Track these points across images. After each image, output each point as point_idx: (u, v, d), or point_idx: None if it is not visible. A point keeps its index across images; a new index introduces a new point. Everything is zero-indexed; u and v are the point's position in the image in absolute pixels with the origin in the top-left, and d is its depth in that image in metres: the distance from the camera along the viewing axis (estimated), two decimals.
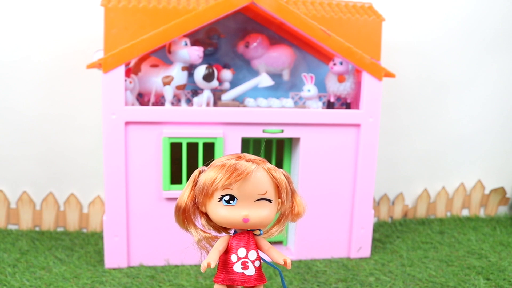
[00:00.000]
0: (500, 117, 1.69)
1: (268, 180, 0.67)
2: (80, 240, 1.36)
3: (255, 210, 0.67)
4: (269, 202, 0.67)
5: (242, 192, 0.66)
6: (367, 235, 1.29)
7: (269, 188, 0.67)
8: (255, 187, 0.66)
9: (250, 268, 0.69)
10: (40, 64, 1.38)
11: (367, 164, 1.26)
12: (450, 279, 1.14)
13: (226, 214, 0.67)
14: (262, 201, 0.67)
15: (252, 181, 0.66)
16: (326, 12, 1.26)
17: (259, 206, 0.67)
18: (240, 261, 0.68)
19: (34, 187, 1.43)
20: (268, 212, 0.68)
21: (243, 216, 0.66)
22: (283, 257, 0.69)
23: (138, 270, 1.17)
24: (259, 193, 0.67)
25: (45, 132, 1.41)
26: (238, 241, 0.69)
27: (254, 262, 0.69)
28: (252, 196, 0.66)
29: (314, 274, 1.17)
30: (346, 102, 1.33)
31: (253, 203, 0.67)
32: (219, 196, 0.66)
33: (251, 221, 0.67)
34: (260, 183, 0.66)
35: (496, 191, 1.71)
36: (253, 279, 0.68)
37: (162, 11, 1.15)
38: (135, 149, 1.15)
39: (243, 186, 0.66)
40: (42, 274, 1.12)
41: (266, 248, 0.71)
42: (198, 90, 1.28)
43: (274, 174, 0.68)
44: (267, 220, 0.68)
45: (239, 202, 0.66)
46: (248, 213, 0.66)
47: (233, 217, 0.66)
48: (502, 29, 1.61)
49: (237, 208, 0.66)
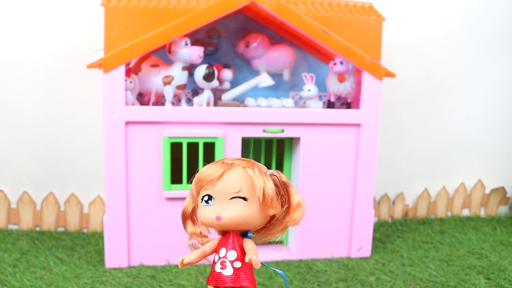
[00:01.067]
0: (500, 117, 1.69)
1: (244, 179, 0.68)
2: (81, 240, 1.36)
3: (227, 208, 0.67)
4: (243, 200, 0.67)
5: (217, 192, 0.68)
6: (367, 235, 1.29)
7: (244, 186, 0.67)
8: (227, 185, 0.67)
9: (227, 268, 0.68)
10: (40, 64, 1.38)
11: (368, 163, 1.26)
12: (451, 279, 1.14)
13: (204, 213, 0.69)
14: (236, 199, 0.67)
15: (225, 180, 0.67)
16: (327, 12, 1.26)
17: (232, 204, 0.67)
18: (220, 260, 0.69)
19: (34, 187, 1.43)
20: (242, 209, 0.67)
21: (216, 214, 0.67)
22: (248, 257, 0.67)
23: (139, 270, 1.17)
24: (232, 191, 0.67)
25: (45, 132, 1.41)
26: (222, 241, 0.70)
27: (233, 262, 0.68)
28: (225, 195, 0.68)
29: (315, 273, 1.17)
30: (346, 101, 1.33)
31: (227, 201, 0.68)
32: (201, 197, 0.69)
33: (223, 219, 0.67)
34: (233, 181, 0.67)
35: (497, 190, 1.71)
36: (231, 279, 0.68)
37: (162, 11, 1.15)
38: (136, 149, 1.15)
39: (217, 185, 0.67)
40: (42, 274, 1.12)
41: (247, 248, 0.69)
42: (199, 90, 1.28)
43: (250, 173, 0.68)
44: (242, 218, 0.68)
45: (215, 201, 0.68)
46: (221, 211, 0.67)
47: (209, 216, 0.68)
48: (502, 29, 1.61)
49: (213, 207, 0.68)
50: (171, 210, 1.18)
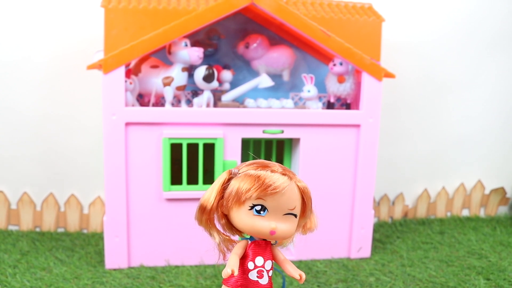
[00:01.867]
0: (500, 117, 1.69)
1: (298, 196, 0.69)
2: (81, 240, 1.37)
3: (282, 224, 0.68)
4: (294, 217, 0.69)
5: (274, 205, 0.67)
6: (367, 235, 1.30)
7: (298, 203, 0.69)
8: (287, 201, 0.67)
9: (264, 277, 0.70)
10: (40, 65, 1.38)
11: (367, 164, 1.26)
12: (450, 279, 1.14)
13: (255, 223, 0.67)
14: (290, 215, 0.68)
15: (285, 195, 0.67)
16: (326, 12, 1.27)
17: (286, 220, 0.68)
18: (257, 269, 0.69)
19: (34, 188, 1.43)
20: (293, 227, 0.69)
21: (271, 228, 0.67)
22: (298, 272, 0.70)
23: (139, 270, 1.17)
24: (289, 208, 0.68)
25: (45, 132, 1.41)
26: (257, 249, 0.70)
27: (269, 271, 0.70)
28: (282, 210, 0.67)
29: (314, 274, 1.18)
30: (346, 102, 1.33)
31: (281, 216, 0.68)
32: (250, 205, 0.67)
33: (277, 234, 0.68)
34: (291, 198, 0.67)
35: (496, 191, 1.72)
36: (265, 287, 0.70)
37: (162, 12, 1.15)
38: (136, 150, 1.15)
39: (277, 199, 0.66)
40: (42, 274, 1.12)
41: (282, 259, 0.72)
42: (198, 91, 1.28)
43: (304, 189, 0.69)
44: (289, 235, 0.69)
45: (269, 213, 0.67)
46: (276, 226, 0.67)
47: (261, 228, 0.67)
48: (502, 30, 1.61)
49: (266, 219, 0.67)
50: (171, 211, 1.18)
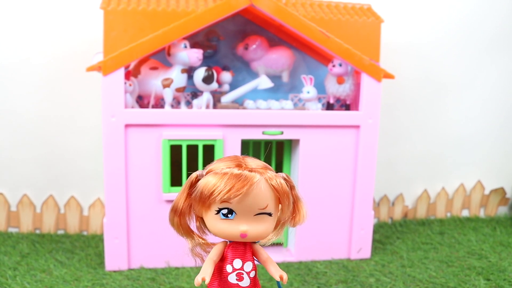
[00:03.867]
0: (500, 118, 1.69)
1: (270, 193, 0.63)
2: (81, 242, 1.37)
3: (254, 225, 0.63)
4: (269, 216, 0.64)
5: (242, 207, 0.62)
6: (367, 236, 1.30)
7: (270, 201, 0.63)
8: (255, 201, 0.62)
9: (245, 279, 0.66)
10: (40, 67, 1.38)
11: (367, 165, 1.26)
12: (451, 280, 1.14)
13: (223, 228, 0.63)
14: (262, 215, 0.63)
15: (253, 195, 0.61)
16: (325, 13, 1.27)
17: (258, 221, 0.63)
18: (235, 272, 0.66)
19: (34, 190, 1.43)
20: (267, 226, 0.64)
21: (241, 232, 0.63)
22: (279, 273, 0.66)
23: (139, 272, 1.17)
24: (259, 208, 0.62)
25: (45, 134, 1.41)
26: (234, 251, 0.66)
27: (249, 273, 0.67)
28: (251, 211, 0.62)
29: (315, 275, 1.17)
30: (345, 103, 1.33)
31: (252, 217, 0.63)
32: (216, 209, 0.63)
33: (249, 236, 0.63)
34: (260, 197, 0.62)
35: (496, 191, 1.72)
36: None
37: (162, 13, 1.15)
38: (135, 152, 1.15)
39: (243, 201, 0.61)
40: (42, 277, 1.12)
41: (264, 258, 0.68)
42: (198, 92, 1.29)
43: (275, 184, 0.63)
44: (265, 234, 0.65)
45: (237, 216, 0.62)
46: (247, 228, 0.63)
47: (230, 232, 0.63)
48: (501, 30, 1.62)
49: (235, 223, 0.63)
50: None
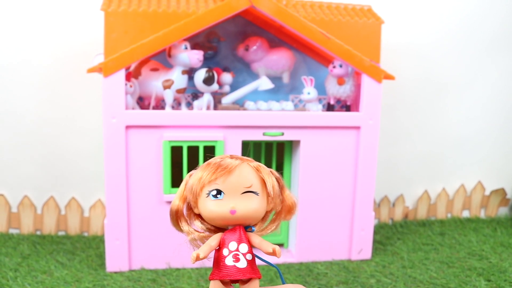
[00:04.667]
0: (500, 118, 1.69)
1: (254, 174, 0.69)
2: (81, 243, 1.37)
3: (241, 202, 0.68)
4: (256, 195, 0.69)
5: (228, 186, 0.68)
6: (367, 237, 1.30)
7: (255, 181, 0.69)
8: (240, 180, 0.68)
9: (241, 260, 0.69)
10: (40, 68, 1.38)
11: (367, 166, 1.26)
12: (451, 281, 1.14)
13: (214, 208, 0.68)
14: (249, 193, 0.68)
15: (237, 174, 0.68)
16: (326, 15, 1.27)
17: (245, 199, 0.68)
18: (231, 254, 0.69)
19: (35, 191, 1.43)
20: (256, 204, 0.69)
21: (230, 208, 0.67)
22: (272, 246, 0.69)
23: (139, 273, 1.17)
24: (244, 186, 0.68)
25: (46, 136, 1.41)
26: (230, 235, 0.70)
27: (245, 255, 0.69)
28: (237, 189, 0.68)
29: (315, 276, 1.18)
30: (346, 104, 1.33)
31: (239, 195, 0.68)
32: (206, 192, 0.68)
33: (238, 213, 0.68)
34: (244, 176, 0.68)
35: (497, 192, 1.72)
36: (245, 271, 0.68)
37: (162, 15, 1.16)
38: (136, 153, 1.15)
39: (228, 180, 0.67)
40: (43, 278, 1.12)
41: (258, 241, 0.71)
42: (198, 93, 1.29)
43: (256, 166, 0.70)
44: (255, 212, 0.69)
45: (226, 195, 0.68)
46: (235, 205, 0.67)
47: (221, 210, 0.68)
48: (501, 31, 1.62)
49: (224, 201, 0.68)
50: None
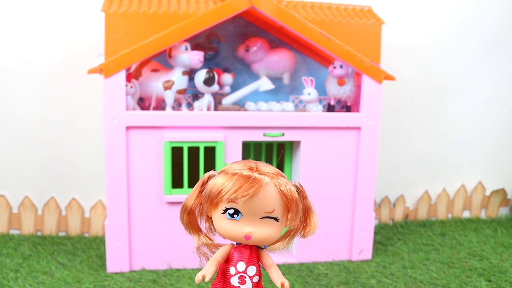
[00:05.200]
0: (500, 118, 1.69)
1: (278, 197, 0.63)
2: (82, 244, 1.37)
3: (259, 228, 0.64)
4: (275, 221, 0.64)
5: (248, 208, 0.62)
6: (368, 238, 1.30)
7: (277, 206, 0.63)
8: (262, 204, 0.62)
9: (247, 283, 0.66)
10: (41, 69, 1.38)
11: (368, 166, 1.26)
12: (452, 281, 1.14)
13: (228, 228, 0.64)
14: (268, 219, 0.64)
15: (260, 197, 0.62)
16: (326, 15, 1.27)
17: (264, 224, 0.64)
18: (238, 275, 0.66)
19: (35, 192, 1.44)
20: (273, 231, 0.64)
21: (245, 233, 0.63)
22: (281, 280, 0.65)
23: (140, 274, 1.17)
24: (265, 211, 0.63)
25: (46, 137, 1.41)
26: (239, 254, 0.67)
27: (252, 277, 0.66)
28: (257, 213, 0.63)
29: (316, 277, 1.18)
30: (346, 105, 1.33)
31: (258, 220, 0.63)
32: (223, 208, 0.64)
33: (253, 239, 0.64)
34: (267, 200, 0.62)
35: (497, 192, 1.72)
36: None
37: (163, 16, 1.16)
38: (136, 154, 1.15)
39: (250, 202, 0.62)
40: (44, 278, 1.12)
41: (268, 264, 0.68)
42: (199, 94, 1.29)
43: (284, 191, 0.63)
44: (270, 239, 0.65)
45: (243, 217, 0.63)
46: (252, 230, 0.63)
47: (235, 232, 0.64)
48: (501, 31, 1.62)
49: (241, 224, 0.63)
50: (172, 214, 1.19)
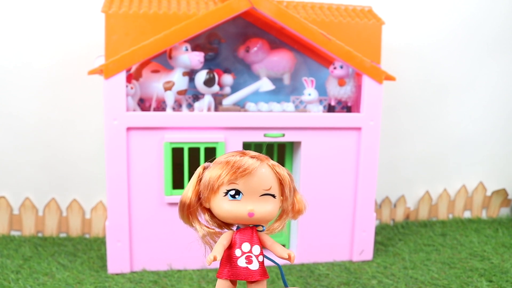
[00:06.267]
0: (501, 119, 1.69)
1: (273, 176, 0.69)
2: (83, 245, 1.37)
3: (260, 205, 0.68)
4: (273, 198, 0.69)
5: (248, 187, 0.67)
6: (369, 238, 1.29)
7: (273, 183, 0.69)
8: (260, 182, 0.67)
9: (254, 262, 0.69)
10: (41, 71, 1.39)
11: (369, 167, 1.26)
12: (453, 282, 1.14)
13: (232, 208, 0.67)
14: (267, 196, 0.68)
15: (257, 176, 0.67)
16: (326, 16, 1.27)
17: (263, 201, 0.68)
18: (245, 255, 0.69)
19: (36, 193, 1.44)
20: (272, 207, 0.69)
21: (248, 211, 0.67)
22: (287, 251, 0.69)
23: (141, 275, 1.17)
24: (264, 188, 0.68)
25: (47, 138, 1.42)
26: (242, 236, 0.70)
27: (257, 256, 0.70)
28: (257, 191, 0.68)
29: (317, 277, 1.17)
30: (346, 105, 1.33)
31: (258, 198, 0.68)
32: (224, 191, 0.67)
33: (256, 216, 0.68)
34: (265, 178, 0.68)
35: (498, 192, 1.71)
36: (257, 273, 0.69)
37: (163, 16, 1.16)
38: (137, 155, 1.15)
39: (249, 181, 0.67)
40: (45, 280, 1.12)
41: (270, 243, 0.71)
42: (199, 95, 1.29)
43: (278, 170, 0.69)
44: (271, 215, 0.69)
45: (244, 197, 0.67)
46: (253, 207, 0.67)
47: (239, 212, 0.67)
48: (502, 31, 1.62)
49: (242, 203, 0.67)
50: (173, 215, 1.19)
